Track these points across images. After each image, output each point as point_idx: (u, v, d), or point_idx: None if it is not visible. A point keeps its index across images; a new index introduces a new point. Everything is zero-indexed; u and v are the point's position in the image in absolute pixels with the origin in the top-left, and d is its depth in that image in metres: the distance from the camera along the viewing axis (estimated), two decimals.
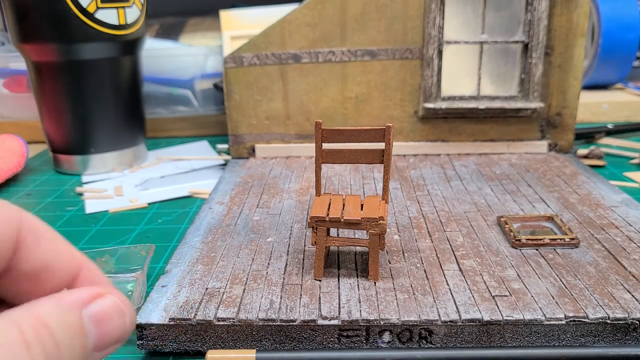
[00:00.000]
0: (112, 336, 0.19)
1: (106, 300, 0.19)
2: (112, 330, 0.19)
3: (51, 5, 0.53)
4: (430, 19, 0.54)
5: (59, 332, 0.17)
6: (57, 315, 0.18)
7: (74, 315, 0.18)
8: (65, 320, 0.18)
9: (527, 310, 0.30)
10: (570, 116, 0.57)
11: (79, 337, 0.18)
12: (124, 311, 0.20)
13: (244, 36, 0.69)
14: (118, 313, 0.19)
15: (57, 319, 0.18)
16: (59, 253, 0.21)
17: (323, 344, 0.31)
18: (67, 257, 0.21)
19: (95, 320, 0.19)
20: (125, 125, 0.62)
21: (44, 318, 0.17)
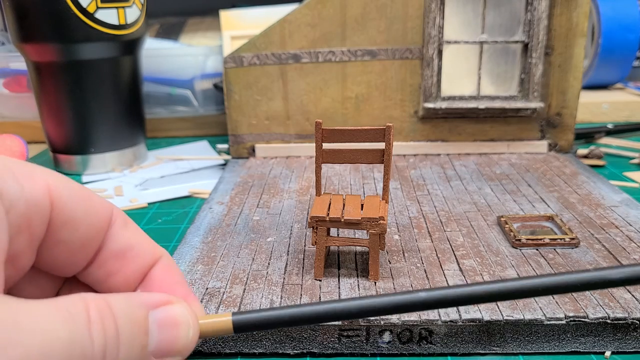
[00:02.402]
0: (174, 345, 0.19)
1: (175, 308, 0.20)
2: (175, 339, 0.19)
3: (51, 5, 0.53)
4: (430, 19, 0.54)
5: (122, 321, 0.18)
6: (125, 306, 0.18)
7: (141, 312, 0.19)
8: (130, 313, 0.18)
9: (527, 310, 0.30)
10: (570, 116, 0.57)
11: (140, 334, 0.18)
12: (189, 323, 0.20)
13: (244, 36, 0.69)
14: (184, 323, 0.19)
15: (124, 309, 0.18)
16: (142, 240, 0.22)
17: (323, 343, 0.31)
18: (149, 245, 0.22)
19: (160, 324, 0.19)
20: (125, 125, 0.62)
21: (112, 304, 0.18)
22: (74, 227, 0.20)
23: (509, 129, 0.57)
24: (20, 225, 0.18)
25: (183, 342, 0.19)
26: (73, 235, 0.20)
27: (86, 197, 0.20)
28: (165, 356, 0.19)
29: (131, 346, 0.18)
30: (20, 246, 0.19)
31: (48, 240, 0.20)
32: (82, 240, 0.20)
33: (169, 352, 0.19)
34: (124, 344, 0.17)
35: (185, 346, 0.20)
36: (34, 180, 0.19)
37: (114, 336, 0.17)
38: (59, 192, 0.19)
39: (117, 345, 0.17)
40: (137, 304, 0.19)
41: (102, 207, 0.21)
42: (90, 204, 0.20)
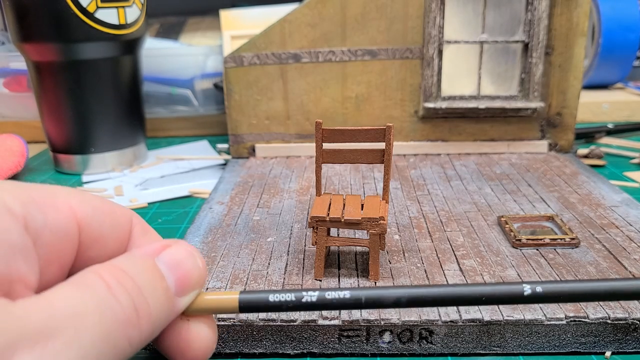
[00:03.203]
0: (191, 278, 0.20)
1: (175, 248, 0.20)
2: (189, 272, 0.20)
3: (51, 4, 0.53)
4: (431, 19, 0.54)
5: (137, 276, 0.18)
6: (133, 263, 0.19)
7: (150, 261, 0.19)
8: (141, 266, 0.19)
9: (527, 310, 0.30)
10: (570, 116, 0.57)
11: (158, 280, 0.19)
12: (194, 255, 0.20)
13: (244, 36, 0.69)
14: (190, 257, 0.20)
15: (134, 265, 0.19)
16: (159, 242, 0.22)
17: (323, 344, 0.31)
18: None
19: (169, 266, 0.20)
20: (125, 125, 0.62)
21: (121, 266, 0.18)
22: (103, 244, 0.20)
23: (509, 128, 0.57)
24: (49, 256, 0.18)
25: (197, 272, 0.20)
26: (103, 252, 0.20)
27: (110, 211, 0.21)
28: (188, 291, 0.20)
29: (156, 293, 0.18)
30: (51, 276, 0.19)
31: (79, 260, 0.20)
32: (110, 254, 0.20)
33: (188, 287, 0.20)
34: (149, 293, 0.18)
35: (200, 274, 0.20)
36: (58, 207, 0.19)
37: (137, 291, 0.18)
38: (85, 213, 0.19)
39: (144, 298, 0.18)
40: (142, 258, 0.19)
41: (124, 218, 0.21)
42: (115, 218, 0.21)
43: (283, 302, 0.20)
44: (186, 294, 0.20)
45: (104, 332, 0.16)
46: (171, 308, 0.19)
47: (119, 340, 0.16)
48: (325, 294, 0.20)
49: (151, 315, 0.18)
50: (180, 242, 0.21)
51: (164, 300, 0.19)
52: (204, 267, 0.21)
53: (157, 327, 0.18)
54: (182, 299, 0.20)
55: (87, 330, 0.15)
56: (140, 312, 0.17)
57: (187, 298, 0.20)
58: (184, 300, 0.20)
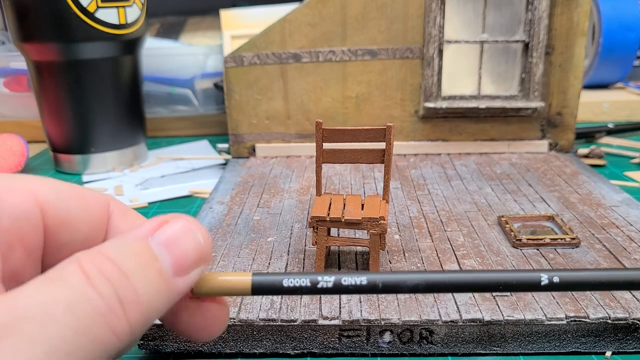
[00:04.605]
0: (189, 257, 0.18)
1: (172, 224, 0.19)
2: (187, 250, 0.18)
3: (51, 4, 0.53)
4: (431, 19, 0.54)
5: (123, 261, 0.17)
6: (120, 247, 0.18)
7: (139, 243, 0.18)
8: (129, 249, 0.18)
9: (527, 310, 0.30)
10: (570, 115, 0.57)
11: (149, 263, 0.17)
12: (193, 229, 0.19)
13: (245, 35, 0.69)
14: (188, 232, 0.19)
15: (120, 250, 0.17)
16: None
17: (324, 343, 0.31)
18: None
19: (165, 244, 0.18)
20: (126, 125, 0.62)
21: (106, 251, 0.17)
22: (72, 227, 0.19)
23: (510, 128, 0.57)
24: (10, 242, 0.18)
25: (197, 248, 0.19)
26: (74, 236, 0.19)
27: (78, 194, 0.20)
28: (188, 269, 0.18)
29: (146, 278, 0.17)
30: (17, 262, 0.18)
31: (50, 246, 0.19)
32: (83, 239, 0.20)
33: (189, 264, 0.18)
34: (137, 279, 0.17)
35: (202, 250, 0.19)
36: (15, 191, 0.18)
37: (121, 278, 0.17)
38: (47, 196, 0.19)
39: (130, 284, 0.17)
40: (131, 240, 0.18)
41: (97, 201, 0.20)
42: (84, 201, 0.20)
43: (297, 287, 0.20)
44: (187, 272, 0.18)
45: (78, 325, 0.15)
46: (169, 291, 0.18)
47: (100, 333, 0.16)
48: (341, 280, 0.19)
49: (140, 302, 0.17)
50: (178, 217, 0.19)
51: (158, 283, 0.17)
52: (206, 242, 0.19)
53: (152, 313, 0.17)
54: (183, 278, 0.18)
55: (55, 324, 0.15)
56: (125, 301, 0.16)
57: (190, 277, 0.18)
58: (186, 280, 0.18)
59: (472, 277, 0.19)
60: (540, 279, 0.19)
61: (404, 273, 0.19)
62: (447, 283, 0.19)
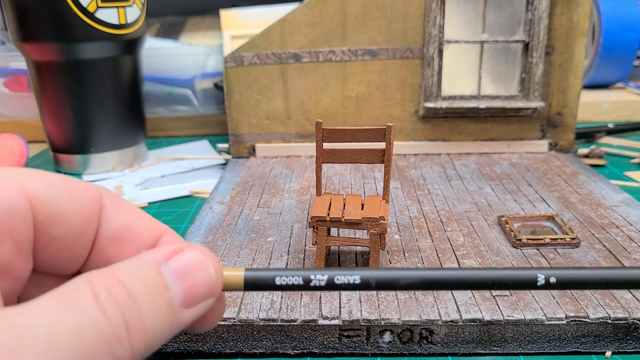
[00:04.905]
0: (200, 289, 0.18)
1: (186, 254, 0.19)
2: (198, 282, 0.18)
3: (51, 4, 0.53)
4: (431, 19, 0.54)
5: (134, 286, 0.17)
6: (133, 271, 0.17)
7: (152, 270, 0.18)
8: (142, 275, 0.17)
9: (527, 310, 0.30)
10: (570, 115, 0.57)
11: (159, 291, 0.17)
12: (207, 263, 0.19)
13: (245, 35, 0.69)
14: (201, 265, 0.19)
15: (133, 273, 0.17)
16: (139, 217, 0.21)
17: (324, 343, 0.31)
18: (147, 222, 0.21)
19: (177, 274, 0.18)
20: (126, 125, 0.62)
21: (118, 274, 0.17)
22: (62, 220, 0.19)
23: (510, 128, 0.57)
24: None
25: (208, 283, 0.19)
26: (65, 229, 0.19)
27: (68, 186, 0.19)
28: (197, 302, 0.18)
29: (154, 306, 0.17)
30: (7, 256, 0.18)
31: (40, 240, 0.19)
32: (75, 232, 0.19)
33: (198, 298, 0.18)
34: (146, 307, 0.17)
35: (213, 286, 0.19)
36: (3, 184, 0.18)
37: (131, 304, 0.16)
38: (36, 189, 0.18)
39: (138, 311, 0.16)
40: (145, 265, 0.18)
41: (88, 192, 0.20)
42: (74, 193, 0.19)
43: (290, 285, 0.20)
44: (195, 305, 0.18)
45: (83, 349, 0.15)
46: (174, 321, 0.18)
47: (103, 357, 0.15)
48: (334, 278, 0.19)
49: (146, 330, 0.17)
50: (193, 247, 0.19)
51: (165, 312, 0.17)
52: (217, 277, 0.19)
53: (155, 341, 0.17)
54: (189, 310, 0.18)
55: (61, 347, 0.14)
56: (131, 327, 0.16)
57: (197, 309, 0.18)
58: (193, 312, 0.18)
59: (467, 274, 0.19)
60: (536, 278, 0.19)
61: (397, 270, 0.19)
62: (442, 280, 0.19)
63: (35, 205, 0.18)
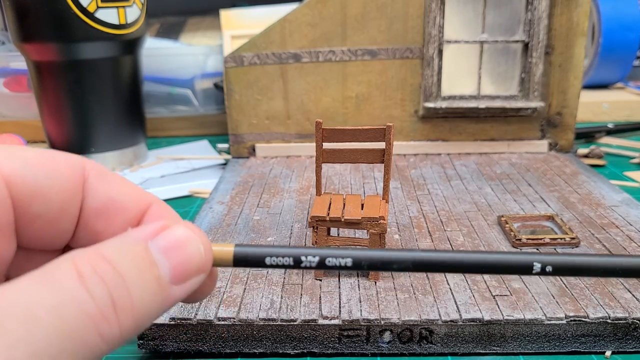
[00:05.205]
0: (189, 265, 0.18)
1: (174, 230, 0.18)
2: (187, 258, 0.18)
3: (51, 4, 0.53)
4: (431, 19, 0.54)
5: (121, 263, 0.16)
6: (119, 248, 0.17)
7: (139, 246, 0.17)
8: (128, 252, 0.17)
9: (527, 310, 0.30)
10: (570, 115, 0.57)
11: (147, 267, 0.17)
12: (195, 239, 0.18)
13: (245, 35, 0.69)
14: (189, 241, 0.18)
15: (119, 251, 0.17)
16: (124, 189, 0.20)
17: (324, 343, 0.31)
18: (133, 193, 0.20)
19: (165, 250, 0.18)
20: (126, 125, 0.62)
21: (104, 251, 0.16)
22: (43, 197, 0.18)
23: (510, 128, 0.57)
24: None
25: (197, 259, 0.18)
26: (47, 206, 0.18)
27: (46, 161, 0.18)
28: (186, 279, 0.18)
29: (142, 283, 0.16)
30: None
31: (22, 219, 0.18)
32: (58, 208, 0.18)
33: (187, 274, 0.18)
34: (133, 283, 0.16)
35: (202, 262, 0.18)
36: None
37: (118, 281, 0.16)
38: (12, 168, 0.18)
39: (126, 289, 0.16)
40: (131, 242, 0.17)
41: (69, 166, 0.19)
42: (54, 168, 0.18)
43: (280, 265, 0.19)
44: (184, 281, 0.18)
45: (64, 329, 0.14)
46: (164, 298, 0.17)
47: (88, 337, 0.15)
48: (325, 260, 0.19)
49: (134, 308, 0.16)
50: (180, 223, 0.18)
51: (154, 289, 0.17)
52: (207, 252, 0.18)
53: (145, 319, 0.17)
54: (179, 287, 0.18)
55: (41, 327, 0.14)
56: (118, 304, 0.16)
57: (187, 285, 0.18)
58: (183, 289, 0.18)
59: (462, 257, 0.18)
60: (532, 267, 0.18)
61: (390, 251, 0.19)
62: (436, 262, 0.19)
63: (12, 186, 0.17)
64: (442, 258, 0.19)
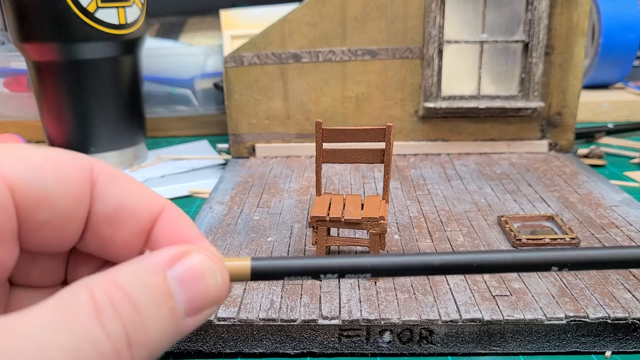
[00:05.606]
0: (205, 297, 0.17)
1: (193, 258, 0.17)
2: (204, 290, 0.17)
3: (51, 4, 0.53)
4: (431, 19, 0.54)
5: (138, 295, 0.16)
6: (137, 278, 0.16)
7: (157, 276, 0.16)
8: (146, 282, 0.16)
9: (527, 310, 0.30)
10: (570, 115, 0.57)
11: (164, 300, 0.16)
12: (214, 269, 0.17)
13: (244, 35, 0.69)
14: (208, 271, 0.17)
15: (137, 281, 0.16)
16: (135, 192, 0.19)
17: (324, 343, 0.31)
18: (144, 197, 0.19)
19: (182, 281, 0.17)
20: (126, 125, 0.62)
21: (121, 281, 0.16)
22: (49, 204, 0.17)
23: (509, 128, 0.57)
24: None
25: (214, 290, 0.17)
26: (53, 212, 0.17)
27: (54, 165, 0.17)
28: (201, 311, 0.17)
29: (158, 317, 0.16)
30: None
31: (26, 226, 0.17)
32: (64, 214, 0.18)
33: (202, 306, 0.17)
34: (149, 318, 0.16)
35: (219, 293, 0.17)
36: None
37: (134, 316, 0.15)
38: (17, 173, 0.17)
39: (142, 324, 0.15)
40: (150, 270, 0.16)
41: (76, 169, 0.18)
42: (61, 172, 0.17)
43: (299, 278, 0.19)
44: (198, 314, 0.17)
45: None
46: (177, 331, 0.17)
47: None
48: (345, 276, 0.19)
49: (149, 344, 0.15)
50: (201, 250, 0.18)
51: (168, 323, 0.16)
52: (224, 283, 0.18)
53: (157, 352, 0.16)
54: (193, 318, 0.17)
55: None
56: (133, 340, 0.15)
57: (200, 317, 0.17)
58: (196, 320, 0.17)
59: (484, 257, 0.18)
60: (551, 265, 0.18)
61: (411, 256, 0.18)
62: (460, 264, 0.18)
63: (16, 191, 0.16)
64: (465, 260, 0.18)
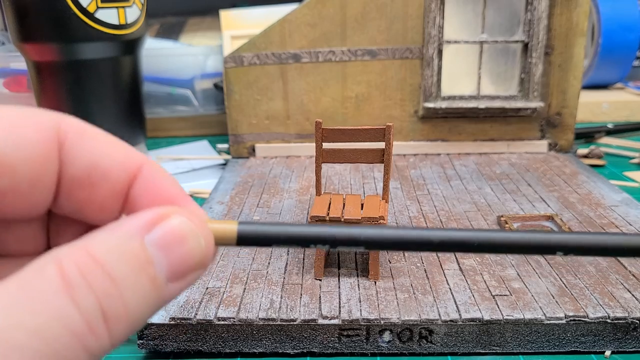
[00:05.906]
0: (188, 262, 0.16)
1: (173, 220, 0.16)
2: (186, 254, 0.16)
3: (51, 5, 0.53)
4: (430, 19, 0.54)
5: (113, 265, 0.14)
6: (111, 245, 0.15)
7: (133, 242, 0.15)
8: (122, 250, 0.15)
9: (527, 310, 0.30)
10: (570, 116, 0.57)
11: (142, 268, 0.15)
12: (196, 231, 0.16)
13: (244, 36, 0.69)
14: (190, 233, 0.16)
15: (111, 249, 0.15)
16: (109, 150, 0.17)
17: (323, 343, 0.31)
18: (120, 154, 0.17)
19: (162, 246, 0.15)
20: (126, 125, 0.62)
21: (94, 250, 0.14)
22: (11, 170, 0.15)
23: (509, 128, 0.57)
24: None
25: (197, 254, 0.16)
26: (14, 180, 0.16)
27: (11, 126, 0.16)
28: (184, 276, 0.16)
29: (137, 287, 0.15)
30: None
31: None
32: (30, 179, 0.16)
33: (186, 271, 0.16)
34: (127, 288, 0.14)
35: (203, 257, 0.16)
36: None
37: (108, 287, 0.14)
38: None
39: (119, 295, 0.14)
40: (125, 236, 0.15)
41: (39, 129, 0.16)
42: (20, 134, 0.16)
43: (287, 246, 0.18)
44: (181, 279, 0.16)
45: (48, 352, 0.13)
46: (159, 298, 0.15)
47: (72, 355, 0.13)
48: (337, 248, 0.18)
49: (128, 315, 0.14)
50: (181, 212, 0.16)
51: (149, 291, 0.15)
52: (208, 245, 0.16)
53: (138, 323, 0.15)
54: (175, 284, 0.16)
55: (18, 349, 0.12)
56: (109, 314, 0.14)
57: (185, 282, 0.16)
58: (180, 285, 0.16)
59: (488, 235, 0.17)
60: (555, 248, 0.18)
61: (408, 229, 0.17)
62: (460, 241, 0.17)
63: None
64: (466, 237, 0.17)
